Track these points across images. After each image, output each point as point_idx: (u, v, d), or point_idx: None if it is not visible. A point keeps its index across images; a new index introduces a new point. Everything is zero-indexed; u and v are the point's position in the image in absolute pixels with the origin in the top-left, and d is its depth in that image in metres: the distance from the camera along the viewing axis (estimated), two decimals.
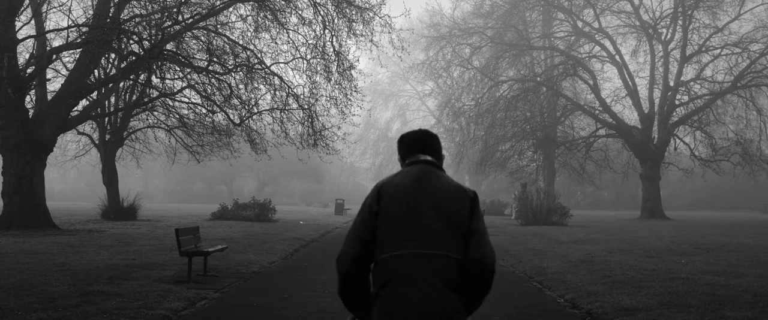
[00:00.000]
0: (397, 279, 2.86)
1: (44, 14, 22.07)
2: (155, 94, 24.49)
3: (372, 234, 2.96)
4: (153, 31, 20.76)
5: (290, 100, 24.21)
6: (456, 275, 2.89)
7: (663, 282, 10.05)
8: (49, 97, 21.88)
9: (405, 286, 2.84)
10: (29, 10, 21.37)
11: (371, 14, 23.60)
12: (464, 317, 2.94)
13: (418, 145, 3.19)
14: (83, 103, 24.09)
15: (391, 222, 2.94)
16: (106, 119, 27.96)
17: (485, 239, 2.98)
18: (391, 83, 78.31)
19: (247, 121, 25.26)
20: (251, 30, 23.29)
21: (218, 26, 22.92)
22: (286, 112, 24.50)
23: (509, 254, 15.92)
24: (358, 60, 49.21)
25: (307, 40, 24.00)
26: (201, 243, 12.10)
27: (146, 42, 20.01)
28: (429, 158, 3.14)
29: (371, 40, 23.87)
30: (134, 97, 26.36)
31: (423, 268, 2.85)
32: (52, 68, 23.62)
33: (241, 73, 23.24)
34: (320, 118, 24.90)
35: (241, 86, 23.57)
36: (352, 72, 24.24)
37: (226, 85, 23.12)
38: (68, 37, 20.68)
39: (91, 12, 22.15)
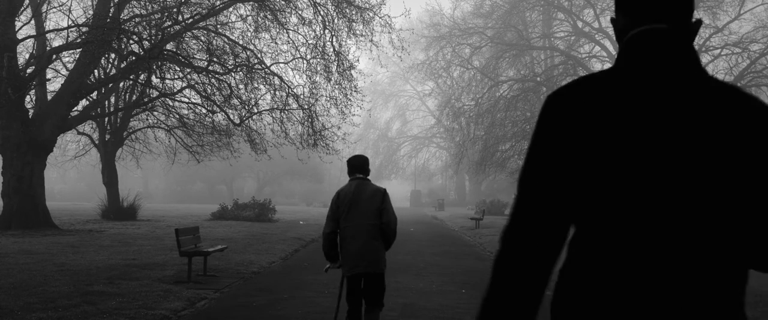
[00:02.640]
0: (348, 237, 6.09)
1: (44, 14, 22.03)
2: (155, 94, 24.47)
3: (338, 215, 6.17)
4: (153, 31, 20.75)
5: (290, 100, 24.21)
6: (378, 232, 6.09)
7: None
8: (49, 97, 21.84)
9: (353, 240, 6.06)
10: (29, 10, 21.34)
11: (371, 14, 23.63)
12: (383, 251, 6.15)
13: (357, 168, 6.33)
14: (83, 103, 24.04)
15: (345, 210, 6.12)
16: (106, 119, 27.90)
17: (390, 212, 6.08)
18: (391, 83, 78.22)
19: (247, 121, 25.23)
20: (251, 30, 23.31)
21: (218, 26, 22.91)
22: (286, 112, 24.49)
23: None
24: (358, 60, 49.30)
25: (307, 40, 24.03)
26: (201, 243, 12.09)
27: (146, 42, 20.00)
28: (361, 175, 6.29)
29: (371, 40, 23.89)
30: (134, 97, 26.31)
31: (361, 230, 6.05)
32: (52, 68, 23.58)
33: (241, 73, 23.24)
34: (320, 118, 24.91)
35: (241, 86, 23.58)
36: (352, 72, 24.26)
37: (226, 85, 23.11)
38: (68, 37, 20.66)
39: (91, 12, 22.13)
